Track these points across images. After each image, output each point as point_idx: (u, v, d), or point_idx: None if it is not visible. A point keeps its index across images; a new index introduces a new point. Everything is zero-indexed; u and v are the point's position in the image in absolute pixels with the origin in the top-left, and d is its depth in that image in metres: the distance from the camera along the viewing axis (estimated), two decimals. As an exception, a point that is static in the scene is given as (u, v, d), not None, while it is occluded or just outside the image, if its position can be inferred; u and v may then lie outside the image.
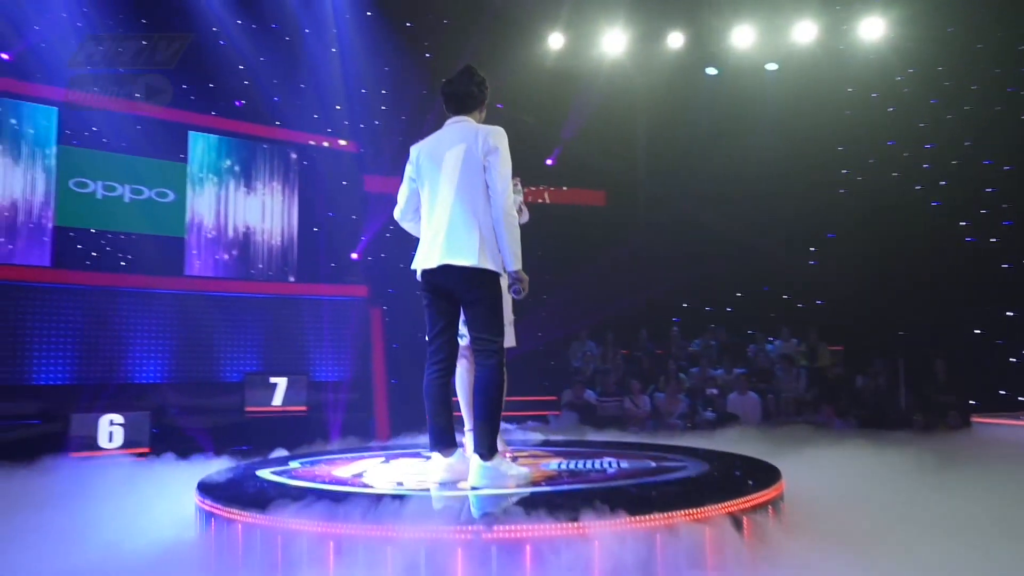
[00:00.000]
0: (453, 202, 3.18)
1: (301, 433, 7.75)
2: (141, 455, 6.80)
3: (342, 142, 9.56)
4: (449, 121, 3.39)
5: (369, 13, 9.61)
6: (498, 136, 3.24)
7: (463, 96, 3.38)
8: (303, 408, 8.06)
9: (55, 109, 7.66)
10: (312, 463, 3.96)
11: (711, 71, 10.37)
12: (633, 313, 10.38)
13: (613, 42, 10.15)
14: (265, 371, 8.24)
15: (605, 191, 10.70)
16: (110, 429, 6.73)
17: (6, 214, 7.38)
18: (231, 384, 8.15)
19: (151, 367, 7.89)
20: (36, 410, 6.96)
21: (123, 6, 7.70)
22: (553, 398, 9.44)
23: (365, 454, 4.35)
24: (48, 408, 6.94)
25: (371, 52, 9.66)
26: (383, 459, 4.08)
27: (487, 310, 3.19)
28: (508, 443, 4.80)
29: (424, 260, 3.24)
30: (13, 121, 7.50)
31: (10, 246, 7.39)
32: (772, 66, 10.24)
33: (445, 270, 3.15)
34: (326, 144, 9.44)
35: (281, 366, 8.40)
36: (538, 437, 5.04)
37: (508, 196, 3.13)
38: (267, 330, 8.55)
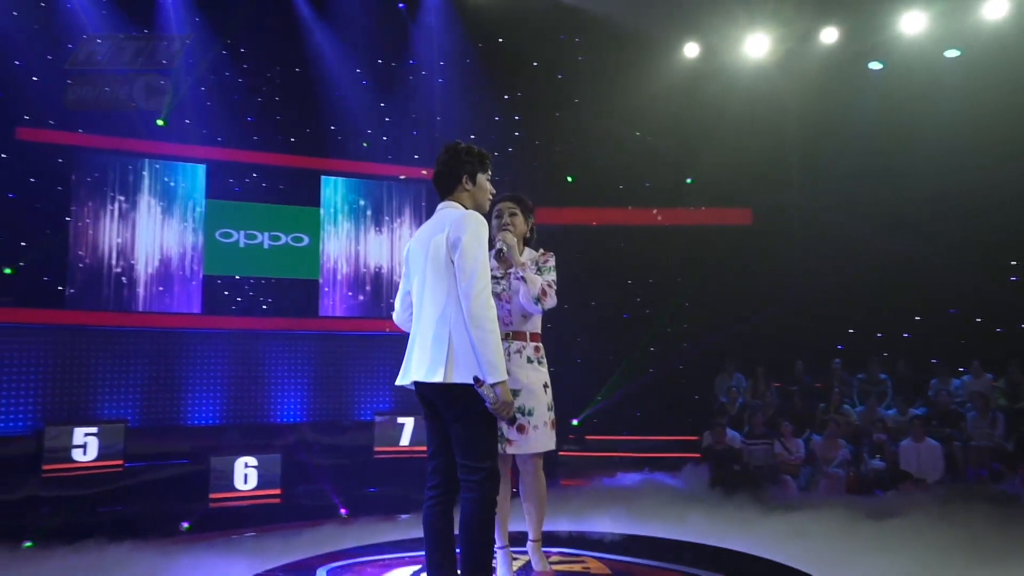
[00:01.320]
0: (429, 304, 2.84)
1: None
2: (273, 497, 7.13)
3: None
4: (438, 207, 3.04)
5: (501, 39, 9.47)
6: (463, 224, 2.79)
7: (439, 177, 3.02)
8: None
9: (203, 166, 8.27)
10: (341, 571, 3.78)
11: (875, 66, 9.08)
12: (788, 342, 9.35)
13: (756, 44, 9.19)
14: (395, 410, 8.33)
15: (751, 208, 9.74)
16: (245, 471, 7.09)
17: (163, 265, 8.06)
18: (363, 423, 8.32)
19: (288, 407, 8.27)
20: (186, 449, 7.51)
21: (254, 64, 8.16)
22: (695, 438, 8.73)
23: (405, 555, 4.08)
24: (195, 448, 7.46)
25: (501, 78, 9.52)
26: (416, 568, 3.80)
27: (466, 431, 2.76)
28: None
29: (402, 373, 2.94)
30: (167, 179, 8.18)
31: (167, 295, 8.06)
32: (952, 53, 8.76)
33: (422, 385, 2.82)
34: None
35: (409, 405, 8.46)
36: (614, 535, 4.45)
37: (478, 296, 2.68)
38: (397, 368, 8.63)
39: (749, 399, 9.07)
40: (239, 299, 8.29)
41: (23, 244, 7.59)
